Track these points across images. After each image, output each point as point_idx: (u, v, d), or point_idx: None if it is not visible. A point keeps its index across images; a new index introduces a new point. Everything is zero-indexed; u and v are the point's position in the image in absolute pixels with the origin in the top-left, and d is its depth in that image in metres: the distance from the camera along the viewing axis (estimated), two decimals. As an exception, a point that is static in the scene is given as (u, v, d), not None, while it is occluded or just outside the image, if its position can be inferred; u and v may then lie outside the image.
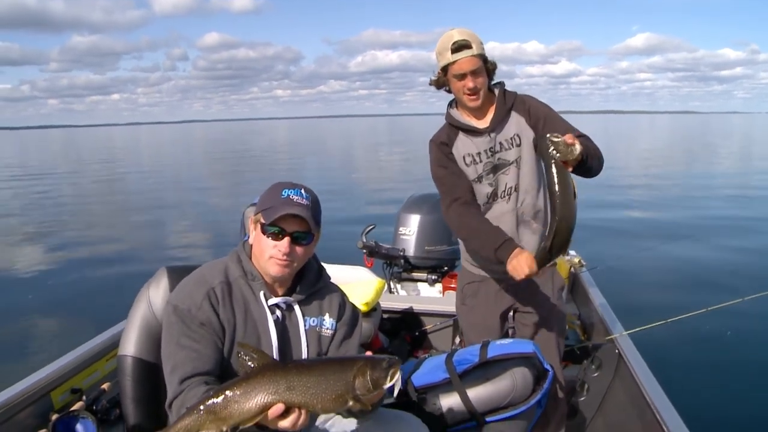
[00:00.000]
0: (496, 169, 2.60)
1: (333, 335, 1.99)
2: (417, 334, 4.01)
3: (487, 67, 2.51)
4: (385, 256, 4.40)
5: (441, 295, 4.37)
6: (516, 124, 2.60)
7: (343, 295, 2.08)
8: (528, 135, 2.58)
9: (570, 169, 2.22)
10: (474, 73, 2.46)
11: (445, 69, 2.50)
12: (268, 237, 1.83)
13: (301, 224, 1.82)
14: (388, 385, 1.55)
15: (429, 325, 4.01)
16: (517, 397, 2.33)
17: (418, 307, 4.02)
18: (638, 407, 2.62)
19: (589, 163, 2.32)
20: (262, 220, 1.83)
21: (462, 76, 2.46)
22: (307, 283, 1.98)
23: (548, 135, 2.20)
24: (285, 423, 1.49)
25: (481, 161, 2.60)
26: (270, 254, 1.83)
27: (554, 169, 2.20)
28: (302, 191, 1.87)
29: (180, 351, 1.75)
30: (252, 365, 1.53)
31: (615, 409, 3.01)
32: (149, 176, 27.35)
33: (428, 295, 4.46)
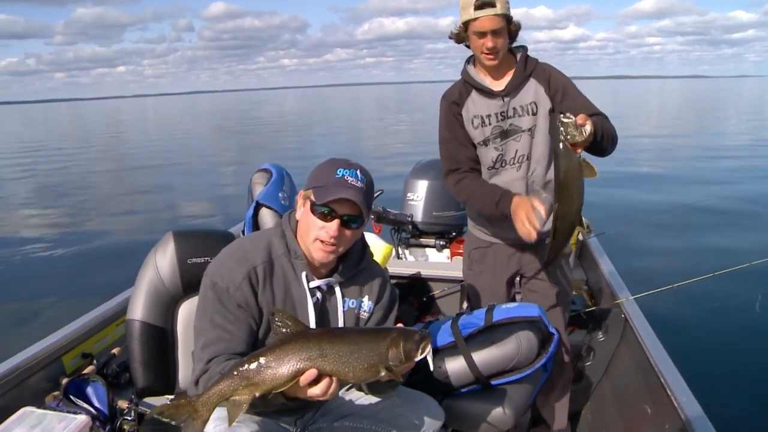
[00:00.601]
0: (505, 134, 2.55)
1: (369, 318, 1.97)
2: (425, 299, 4.02)
3: (509, 27, 2.44)
4: (393, 221, 4.40)
5: (449, 261, 4.38)
6: (534, 91, 2.53)
7: (383, 277, 2.03)
8: (545, 105, 2.52)
9: (579, 151, 2.15)
10: (495, 33, 2.38)
11: (466, 24, 2.42)
12: (316, 217, 1.76)
13: (353, 208, 1.75)
14: (419, 357, 1.56)
15: (437, 290, 4.03)
16: (522, 360, 2.33)
17: (425, 272, 4.03)
18: (643, 372, 2.63)
19: (603, 144, 2.28)
20: (313, 198, 1.76)
21: (482, 35, 2.38)
22: (350, 263, 1.93)
23: (559, 115, 2.14)
24: (316, 390, 1.48)
25: (489, 124, 2.55)
26: (316, 235, 1.76)
27: (561, 152, 2.13)
28: (358, 172, 1.78)
29: (213, 329, 1.73)
30: (285, 332, 1.54)
31: (621, 374, 3.02)
32: (157, 146, 27.38)
33: (436, 261, 4.47)
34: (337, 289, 1.91)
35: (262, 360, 1.48)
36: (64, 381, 2.49)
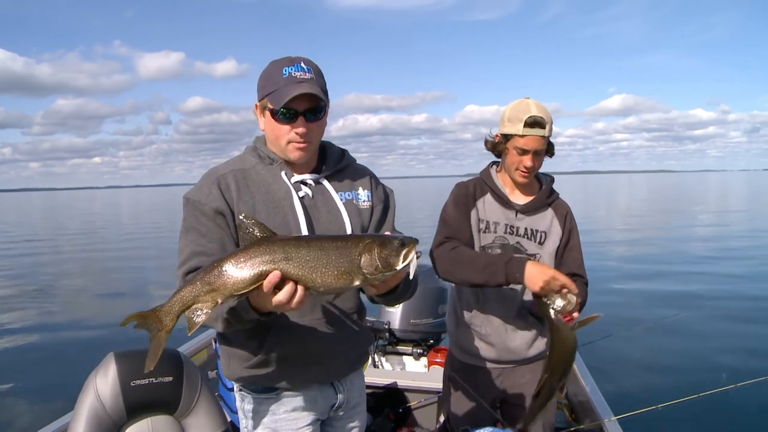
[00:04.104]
0: (506, 248, 2.48)
1: (372, 209, 1.92)
2: (401, 410, 3.88)
3: (547, 149, 2.44)
4: (369, 329, 4.30)
5: (426, 370, 4.26)
6: (549, 221, 2.52)
7: (371, 172, 2.01)
8: (554, 238, 2.50)
9: (575, 317, 2.16)
10: (536, 154, 2.38)
11: (506, 136, 2.40)
12: (280, 123, 1.75)
13: (311, 100, 1.73)
14: (401, 265, 1.44)
15: (413, 401, 3.88)
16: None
17: (402, 382, 3.89)
18: None
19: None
20: (270, 106, 1.74)
21: (524, 152, 2.37)
22: (332, 160, 1.91)
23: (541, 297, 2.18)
24: (280, 297, 1.42)
25: (494, 232, 2.49)
26: (288, 139, 1.76)
27: (555, 326, 2.16)
28: (302, 65, 1.75)
29: (187, 246, 1.72)
30: (251, 238, 1.49)
31: None
32: (123, 242, 26.03)
33: (413, 370, 4.34)
34: (325, 182, 1.86)
35: (224, 264, 1.43)
36: None
